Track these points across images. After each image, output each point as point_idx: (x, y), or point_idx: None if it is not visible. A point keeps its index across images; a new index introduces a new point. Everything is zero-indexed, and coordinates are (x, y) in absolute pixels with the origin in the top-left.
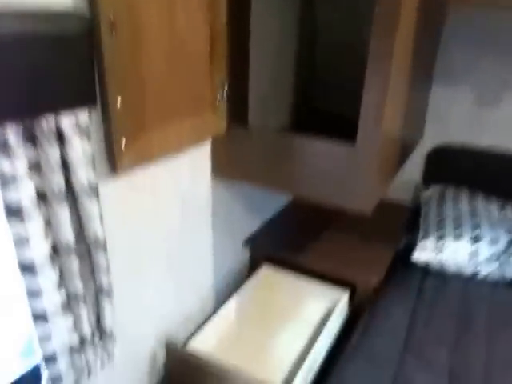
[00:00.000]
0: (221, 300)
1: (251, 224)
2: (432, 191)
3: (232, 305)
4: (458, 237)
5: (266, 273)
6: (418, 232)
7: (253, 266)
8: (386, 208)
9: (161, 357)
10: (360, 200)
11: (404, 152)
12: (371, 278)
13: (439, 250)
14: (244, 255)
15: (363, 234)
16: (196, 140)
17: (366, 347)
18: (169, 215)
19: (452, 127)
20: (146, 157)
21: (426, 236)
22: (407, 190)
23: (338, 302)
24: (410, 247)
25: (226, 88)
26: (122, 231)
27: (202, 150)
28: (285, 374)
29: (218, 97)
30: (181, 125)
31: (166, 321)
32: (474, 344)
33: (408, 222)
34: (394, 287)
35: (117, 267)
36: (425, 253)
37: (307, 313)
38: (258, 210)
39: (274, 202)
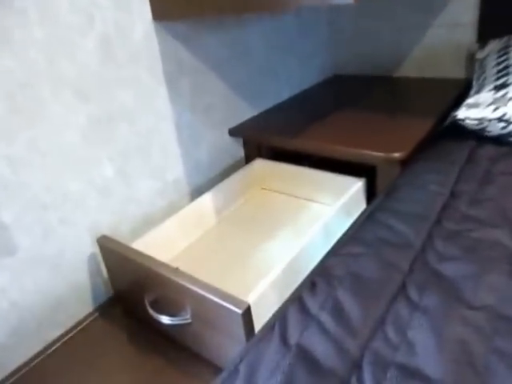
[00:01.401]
0: None
1: (244, 110)
2: (490, 47)
3: (204, 202)
4: None
5: (257, 166)
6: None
7: (248, 162)
8: (432, 86)
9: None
10: None
11: None
12: (395, 155)
13: (500, 102)
14: (238, 150)
15: (398, 115)
16: None
17: (371, 230)
18: (84, 57)
19: None
20: None
21: (479, 91)
22: (460, 63)
23: (348, 191)
24: None
25: None
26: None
27: None
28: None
29: None
30: None
31: (111, 218)
32: None
33: (458, 97)
34: (429, 159)
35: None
36: (476, 110)
37: (310, 212)
38: (254, 92)
39: (280, 86)
